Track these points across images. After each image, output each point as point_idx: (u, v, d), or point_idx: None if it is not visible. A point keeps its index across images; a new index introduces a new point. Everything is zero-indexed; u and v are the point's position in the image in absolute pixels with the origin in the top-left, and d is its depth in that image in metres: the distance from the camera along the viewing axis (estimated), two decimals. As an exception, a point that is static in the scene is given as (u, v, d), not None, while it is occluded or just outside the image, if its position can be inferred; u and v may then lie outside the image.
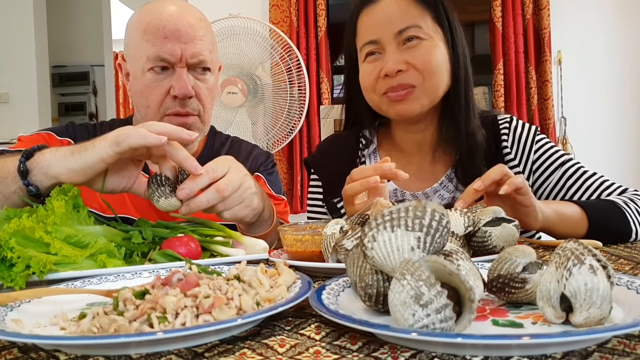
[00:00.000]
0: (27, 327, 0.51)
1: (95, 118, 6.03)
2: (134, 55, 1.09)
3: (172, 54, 1.04)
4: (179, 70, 1.06)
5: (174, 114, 1.07)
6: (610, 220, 0.98)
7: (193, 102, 1.08)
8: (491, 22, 3.03)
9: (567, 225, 0.96)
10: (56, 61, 5.71)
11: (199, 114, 1.10)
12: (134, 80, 1.10)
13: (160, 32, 1.04)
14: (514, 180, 0.84)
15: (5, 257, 0.66)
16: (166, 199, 0.78)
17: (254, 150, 1.28)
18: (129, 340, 0.43)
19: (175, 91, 1.05)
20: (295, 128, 2.83)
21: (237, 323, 0.46)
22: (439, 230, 0.49)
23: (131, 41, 1.09)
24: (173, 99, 1.06)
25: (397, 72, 1.06)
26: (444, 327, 0.42)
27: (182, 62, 1.05)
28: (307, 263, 0.72)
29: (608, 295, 0.44)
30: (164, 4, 1.08)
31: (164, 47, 1.04)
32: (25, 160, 0.80)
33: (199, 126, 1.11)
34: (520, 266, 0.53)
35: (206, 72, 1.10)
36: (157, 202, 0.78)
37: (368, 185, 0.88)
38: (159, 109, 1.07)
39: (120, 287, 0.55)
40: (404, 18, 1.07)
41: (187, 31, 1.05)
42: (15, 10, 4.37)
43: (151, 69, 1.06)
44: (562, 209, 0.97)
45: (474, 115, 1.12)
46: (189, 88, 1.06)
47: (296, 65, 2.78)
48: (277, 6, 3.06)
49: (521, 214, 0.89)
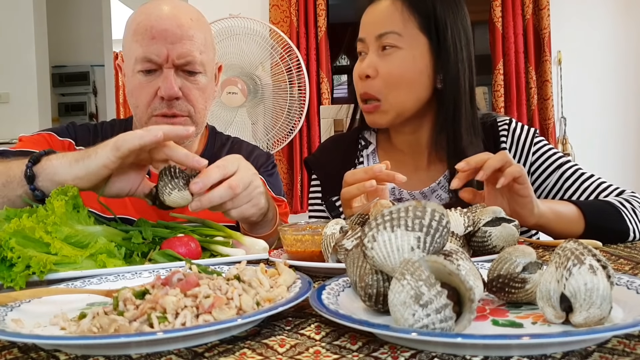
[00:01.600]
0: (27, 327, 0.51)
1: (96, 118, 6.03)
2: (126, 56, 1.09)
3: (158, 55, 1.04)
4: (166, 71, 1.05)
5: (161, 115, 1.07)
6: (606, 219, 0.97)
7: (181, 104, 1.07)
8: (491, 22, 3.04)
9: (563, 224, 0.96)
10: (56, 61, 5.71)
11: (189, 115, 1.09)
12: (127, 81, 1.11)
13: (148, 32, 1.04)
14: (512, 170, 0.84)
15: (6, 257, 0.66)
16: (179, 191, 0.77)
17: (254, 151, 1.28)
18: (129, 340, 0.43)
19: (162, 92, 1.05)
20: (295, 128, 2.83)
21: (237, 323, 0.46)
22: (439, 230, 0.49)
23: (124, 42, 1.10)
24: (160, 100, 1.06)
25: (365, 76, 1.07)
26: (443, 327, 0.42)
27: (169, 62, 1.05)
28: (307, 263, 0.72)
29: (608, 295, 0.45)
30: (158, 4, 1.08)
31: (150, 47, 1.03)
32: (32, 165, 0.80)
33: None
34: (520, 266, 0.53)
35: (197, 74, 1.09)
36: (168, 195, 0.77)
37: (364, 189, 0.88)
38: (147, 110, 1.07)
39: (121, 287, 0.55)
40: (386, 22, 1.07)
41: (174, 31, 1.04)
42: (15, 10, 4.37)
43: (140, 70, 1.06)
44: (558, 207, 0.96)
45: (469, 126, 1.09)
46: (175, 89, 1.05)
47: (296, 65, 2.78)
48: (277, 6, 3.06)
49: (517, 205, 0.89)
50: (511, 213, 0.90)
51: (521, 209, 0.89)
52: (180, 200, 0.77)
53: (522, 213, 0.90)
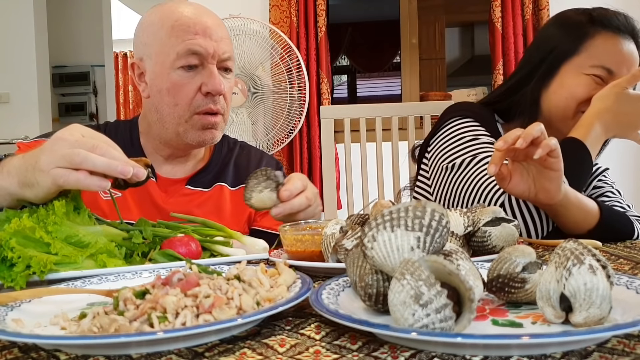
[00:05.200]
0: (27, 326, 0.51)
1: (96, 118, 6.02)
2: (157, 53, 1.06)
3: (206, 49, 1.04)
4: (210, 66, 1.05)
5: (206, 112, 1.07)
6: (618, 222, 1.00)
7: (221, 100, 1.08)
8: (491, 23, 3.04)
9: (580, 212, 0.96)
10: (56, 61, 5.70)
11: (223, 113, 1.10)
12: (158, 79, 1.07)
13: (192, 28, 1.04)
14: (548, 142, 0.83)
15: (6, 257, 0.66)
16: (271, 192, 0.84)
17: (263, 158, 1.28)
18: (130, 340, 0.43)
19: (208, 87, 1.04)
20: (295, 128, 2.83)
21: (237, 323, 0.46)
22: (439, 230, 0.49)
23: (154, 39, 1.07)
24: (204, 96, 1.06)
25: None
26: (443, 326, 0.42)
27: (214, 58, 1.05)
28: (307, 263, 0.72)
29: (607, 295, 0.45)
30: (183, 5, 1.08)
31: (197, 42, 1.04)
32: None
33: (222, 126, 1.11)
34: (519, 266, 0.53)
35: (229, 71, 1.11)
36: (259, 192, 0.83)
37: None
38: (189, 107, 1.06)
39: (121, 286, 0.55)
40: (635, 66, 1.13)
41: (216, 29, 1.06)
42: (15, 10, 4.37)
43: (181, 66, 1.04)
44: (581, 195, 0.97)
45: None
46: (222, 85, 1.06)
47: (296, 66, 2.78)
48: (277, 6, 3.06)
49: (546, 179, 0.88)
50: (538, 189, 0.90)
51: (550, 184, 0.88)
52: (267, 201, 0.84)
53: (550, 188, 0.89)
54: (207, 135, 1.09)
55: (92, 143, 0.73)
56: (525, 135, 0.82)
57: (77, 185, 0.72)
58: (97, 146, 0.73)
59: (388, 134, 1.78)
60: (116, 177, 0.74)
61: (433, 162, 1.23)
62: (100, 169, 0.72)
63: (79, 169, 0.71)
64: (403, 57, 3.37)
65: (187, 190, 1.14)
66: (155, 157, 1.14)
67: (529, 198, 0.93)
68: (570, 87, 1.14)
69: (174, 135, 1.09)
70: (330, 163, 1.81)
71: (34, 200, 0.76)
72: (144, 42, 1.09)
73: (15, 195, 0.77)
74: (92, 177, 0.72)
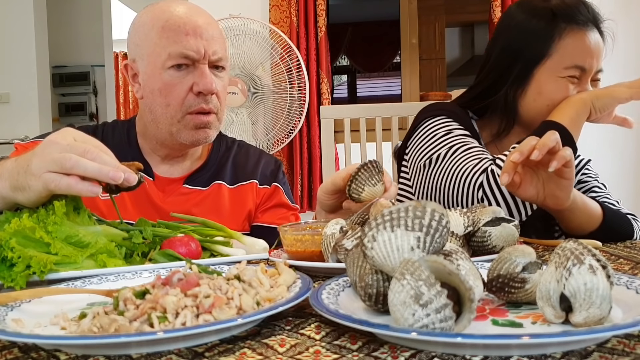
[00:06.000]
0: (27, 326, 0.51)
1: (96, 118, 6.03)
2: (149, 54, 1.06)
3: (196, 50, 1.04)
4: (202, 66, 1.05)
5: (198, 112, 1.06)
6: (620, 225, 1.01)
7: (214, 99, 1.08)
8: (491, 22, 3.03)
9: (585, 215, 0.96)
10: (56, 61, 5.70)
11: (217, 112, 1.10)
12: (150, 79, 1.07)
13: (182, 28, 1.04)
14: (563, 154, 0.82)
15: (6, 257, 0.66)
16: (382, 185, 0.85)
17: (262, 157, 1.28)
18: (130, 340, 0.43)
19: (200, 87, 1.04)
20: (295, 128, 2.83)
21: (237, 323, 0.46)
22: (439, 230, 0.49)
23: (145, 40, 1.07)
24: (196, 95, 1.05)
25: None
26: (443, 326, 0.42)
27: (205, 58, 1.05)
28: (307, 263, 0.72)
29: (607, 295, 0.45)
30: (174, 5, 1.08)
31: (187, 43, 1.03)
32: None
33: (216, 125, 1.11)
34: (519, 266, 0.53)
35: (222, 70, 1.10)
36: (373, 186, 0.83)
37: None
38: (181, 107, 1.06)
39: (121, 286, 0.55)
40: (601, 59, 1.13)
41: (207, 28, 1.06)
42: (15, 10, 4.37)
43: (172, 66, 1.04)
44: (586, 198, 0.97)
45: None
46: (213, 84, 1.05)
47: (296, 66, 2.78)
48: (277, 6, 3.06)
49: (558, 187, 0.88)
50: (547, 194, 0.90)
51: (561, 191, 0.88)
52: (378, 193, 0.85)
53: (560, 195, 0.89)
54: (201, 135, 1.08)
55: (83, 147, 0.73)
56: (541, 147, 0.81)
57: (68, 191, 0.72)
58: (89, 151, 0.73)
59: (388, 134, 1.78)
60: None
61: (411, 163, 1.23)
62: (91, 174, 0.72)
63: (70, 174, 0.71)
64: (403, 57, 3.37)
65: (185, 189, 1.14)
66: (152, 156, 1.15)
67: (537, 202, 0.93)
68: (550, 94, 1.12)
69: (168, 135, 1.09)
70: (330, 163, 1.81)
71: (26, 204, 0.76)
72: (136, 43, 1.09)
73: (8, 198, 0.77)
74: (83, 183, 0.72)
